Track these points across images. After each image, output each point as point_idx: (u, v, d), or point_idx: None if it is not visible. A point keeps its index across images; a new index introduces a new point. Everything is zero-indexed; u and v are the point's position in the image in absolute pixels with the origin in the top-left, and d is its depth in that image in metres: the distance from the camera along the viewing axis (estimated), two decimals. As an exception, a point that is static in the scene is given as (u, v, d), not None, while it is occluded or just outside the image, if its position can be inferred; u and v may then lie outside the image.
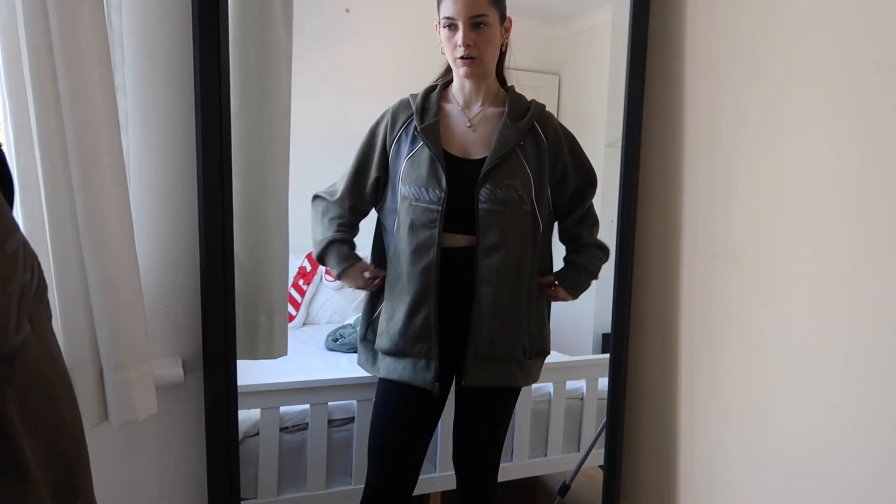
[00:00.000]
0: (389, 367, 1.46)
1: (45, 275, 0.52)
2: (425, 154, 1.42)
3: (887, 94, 1.07)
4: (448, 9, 1.40)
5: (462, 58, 1.41)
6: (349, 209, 1.54)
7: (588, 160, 1.56)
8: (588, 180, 1.56)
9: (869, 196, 1.10)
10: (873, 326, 1.10)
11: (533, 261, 1.49)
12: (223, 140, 1.17)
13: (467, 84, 1.48)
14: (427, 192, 1.40)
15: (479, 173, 1.41)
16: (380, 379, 1.50)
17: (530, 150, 1.45)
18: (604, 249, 1.61)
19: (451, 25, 1.41)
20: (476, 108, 1.49)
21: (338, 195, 1.54)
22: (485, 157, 1.43)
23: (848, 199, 1.13)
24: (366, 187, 1.52)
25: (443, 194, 1.39)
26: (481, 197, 1.40)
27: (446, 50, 1.45)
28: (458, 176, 1.41)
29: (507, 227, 1.41)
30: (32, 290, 0.49)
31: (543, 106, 1.52)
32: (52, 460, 0.51)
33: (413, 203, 1.42)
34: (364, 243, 1.60)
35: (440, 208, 1.39)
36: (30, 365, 0.47)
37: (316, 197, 1.59)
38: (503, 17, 1.45)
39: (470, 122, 1.48)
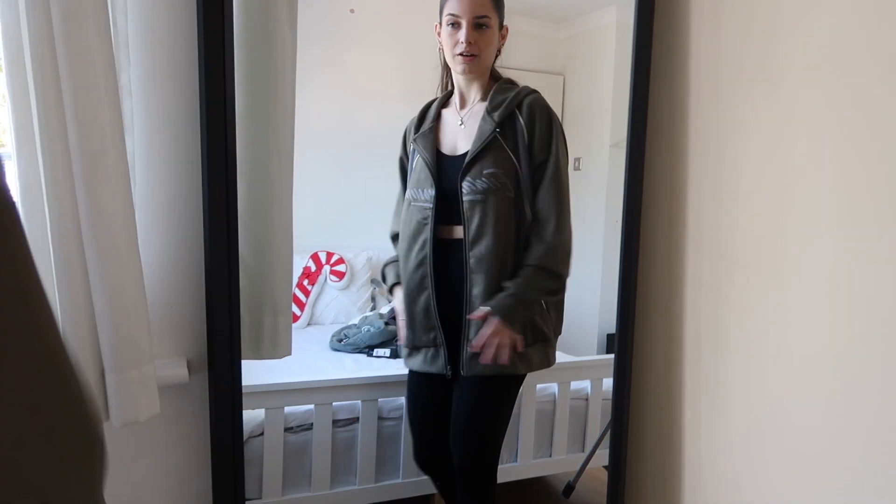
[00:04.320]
0: (412, 361, 1.59)
1: (48, 274, 0.44)
2: (419, 159, 1.52)
3: (893, 96, 1.06)
4: (453, 7, 1.45)
5: (462, 54, 1.46)
6: None
7: (559, 146, 1.46)
8: (546, 169, 1.44)
9: (875, 197, 1.09)
10: (880, 328, 1.09)
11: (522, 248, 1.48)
12: (228, 140, 1.18)
13: (462, 81, 1.53)
14: (423, 192, 1.50)
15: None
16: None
17: (509, 136, 1.45)
18: (554, 276, 1.46)
19: (455, 23, 1.45)
20: (468, 107, 1.54)
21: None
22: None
23: (854, 200, 1.13)
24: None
25: (433, 191, 1.47)
26: (464, 189, 1.45)
27: (446, 47, 1.49)
28: (447, 172, 1.48)
29: (491, 216, 1.43)
30: None
31: (531, 91, 1.50)
32: None
33: (412, 203, 1.52)
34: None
35: (432, 205, 1.47)
36: None
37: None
38: (501, 24, 1.50)
39: (461, 120, 1.53)
